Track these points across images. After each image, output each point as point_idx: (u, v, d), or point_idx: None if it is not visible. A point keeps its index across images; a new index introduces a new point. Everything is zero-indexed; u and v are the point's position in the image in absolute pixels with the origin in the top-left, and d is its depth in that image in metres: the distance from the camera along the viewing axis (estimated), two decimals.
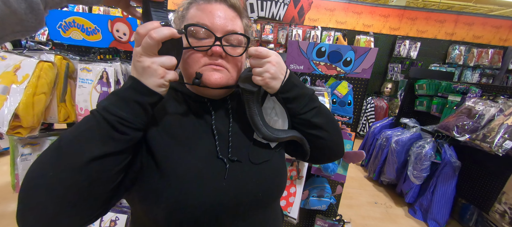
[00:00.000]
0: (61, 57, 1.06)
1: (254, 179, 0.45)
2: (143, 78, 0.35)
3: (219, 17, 0.41)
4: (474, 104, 1.85)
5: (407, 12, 4.46)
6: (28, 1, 0.27)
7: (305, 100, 0.46)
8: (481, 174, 1.84)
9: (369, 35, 4.32)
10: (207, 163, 0.42)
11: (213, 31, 0.40)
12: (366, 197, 2.43)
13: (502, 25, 4.49)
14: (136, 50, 0.35)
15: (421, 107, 2.61)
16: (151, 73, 0.35)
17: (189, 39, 0.41)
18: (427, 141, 2.09)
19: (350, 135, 1.16)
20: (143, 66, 0.34)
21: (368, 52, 1.15)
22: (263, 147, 0.49)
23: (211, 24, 0.41)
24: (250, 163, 0.45)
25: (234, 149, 0.45)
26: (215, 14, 0.41)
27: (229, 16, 0.42)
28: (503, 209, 1.53)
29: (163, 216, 0.39)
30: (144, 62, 0.34)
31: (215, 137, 0.44)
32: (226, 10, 0.42)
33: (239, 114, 0.49)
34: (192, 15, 0.42)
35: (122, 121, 0.33)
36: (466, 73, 4.42)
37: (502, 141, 1.50)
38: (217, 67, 0.42)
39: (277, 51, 3.37)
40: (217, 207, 0.41)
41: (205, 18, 0.41)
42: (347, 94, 1.14)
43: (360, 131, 4.29)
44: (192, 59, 0.42)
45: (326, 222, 1.39)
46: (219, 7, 0.42)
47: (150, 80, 0.35)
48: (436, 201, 1.99)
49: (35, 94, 0.94)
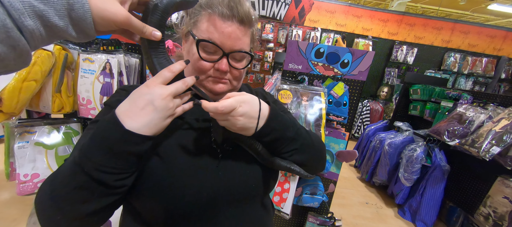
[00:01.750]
0: (61, 47, 1.06)
1: (246, 171, 0.47)
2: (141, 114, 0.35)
3: (229, 38, 0.43)
4: (465, 111, 1.91)
5: (406, 18, 4.53)
6: (17, 50, 0.26)
7: (285, 143, 0.45)
8: (468, 178, 1.91)
9: (367, 38, 4.38)
10: (203, 154, 0.45)
11: (222, 49, 0.44)
12: (358, 197, 2.48)
13: (496, 35, 4.60)
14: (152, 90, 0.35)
15: (415, 111, 2.67)
16: (163, 108, 0.35)
17: (199, 49, 0.44)
18: (419, 144, 2.15)
19: (344, 135, 1.20)
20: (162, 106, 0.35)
21: (365, 55, 1.19)
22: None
23: (221, 43, 0.43)
24: (243, 155, 0.48)
25: (227, 142, 0.48)
26: (225, 33, 0.43)
27: (238, 35, 0.44)
28: (488, 212, 1.59)
29: (162, 207, 0.41)
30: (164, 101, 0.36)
31: (211, 129, 0.47)
32: (236, 30, 0.43)
33: None
34: (205, 28, 0.43)
35: (119, 177, 0.34)
36: (460, 80, 4.52)
37: (490, 146, 1.56)
38: (222, 81, 0.47)
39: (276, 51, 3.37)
40: (213, 198, 0.43)
41: (216, 35, 0.43)
42: (343, 95, 1.17)
43: (355, 133, 4.35)
44: (200, 67, 0.45)
45: (317, 219, 1.43)
46: (231, 26, 0.43)
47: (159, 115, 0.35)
48: (425, 203, 2.06)
49: (25, 80, 0.92)
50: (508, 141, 1.51)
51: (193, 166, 0.43)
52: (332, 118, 1.18)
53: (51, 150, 1.10)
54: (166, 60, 0.39)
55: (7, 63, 0.26)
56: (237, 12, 0.43)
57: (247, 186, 0.47)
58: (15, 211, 1.61)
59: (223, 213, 0.45)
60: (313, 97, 1.08)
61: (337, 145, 1.23)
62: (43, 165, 1.08)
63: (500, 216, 1.51)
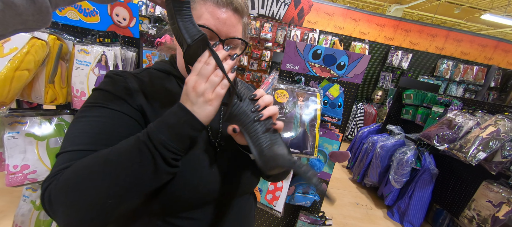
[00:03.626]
0: (55, 37, 1.04)
1: (239, 167, 0.49)
2: (196, 107, 0.36)
3: (224, 24, 0.44)
4: (454, 116, 1.97)
5: (402, 24, 4.61)
6: (37, 4, 0.25)
7: None
8: (455, 182, 1.98)
9: (364, 42, 4.44)
10: (201, 149, 0.45)
11: (219, 35, 0.44)
12: (348, 198, 2.53)
13: (488, 44, 4.73)
14: (192, 79, 0.37)
15: (407, 116, 2.74)
16: (205, 101, 0.37)
17: None
18: (409, 148, 2.21)
19: (338, 136, 1.22)
20: (205, 98, 0.36)
21: (361, 58, 1.21)
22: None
23: (217, 29, 0.44)
24: (237, 152, 0.50)
25: (223, 138, 0.49)
26: (221, 19, 0.44)
27: (233, 22, 0.45)
28: (472, 215, 1.65)
29: (158, 202, 0.41)
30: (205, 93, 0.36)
31: (208, 125, 0.48)
32: (231, 17, 0.45)
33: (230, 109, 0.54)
34: (200, 14, 0.44)
35: (176, 156, 0.36)
36: (451, 87, 4.64)
37: (476, 151, 1.62)
38: None
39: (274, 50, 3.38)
40: (211, 192, 0.45)
41: (212, 22, 0.43)
42: (338, 97, 1.19)
43: (349, 135, 4.42)
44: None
45: (309, 218, 1.45)
46: (225, 13, 0.44)
47: (205, 110, 0.37)
48: (413, 205, 2.12)
49: (17, 69, 0.89)
50: (494, 147, 1.56)
51: (191, 161, 0.43)
52: (326, 118, 1.20)
53: (42, 142, 1.08)
54: (192, 24, 0.37)
55: (26, 18, 0.26)
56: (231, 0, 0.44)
57: (243, 179, 0.49)
58: (2, 202, 1.58)
59: (219, 206, 0.47)
60: (309, 98, 1.10)
61: (331, 145, 1.25)
62: (33, 156, 1.06)
63: (483, 219, 1.58)
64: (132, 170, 0.33)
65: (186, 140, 0.37)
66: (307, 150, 1.07)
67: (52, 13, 0.29)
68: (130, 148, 0.34)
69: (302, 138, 1.06)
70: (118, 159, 0.33)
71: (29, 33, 0.95)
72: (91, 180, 0.32)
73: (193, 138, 0.37)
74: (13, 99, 0.94)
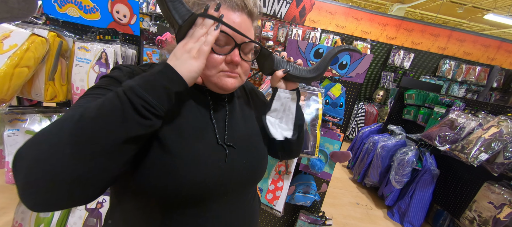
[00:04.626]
0: (55, 34, 1.03)
1: (245, 161, 0.50)
2: (179, 62, 0.37)
3: (240, 28, 0.43)
4: (456, 117, 1.95)
5: (404, 23, 4.58)
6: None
7: None
8: (456, 183, 1.97)
9: (366, 41, 4.42)
10: (208, 147, 0.46)
11: (235, 39, 0.43)
12: (349, 198, 2.53)
13: (491, 44, 4.70)
14: (182, 41, 0.39)
15: (409, 116, 2.72)
16: (193, 53, 0.38)
17: None
18: (410, 148, 2.20)
19: (339, 136, 1.21)
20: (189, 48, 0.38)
21: (363, 57, 1.20)
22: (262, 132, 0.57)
23: (233, 33, 0.43)
24: (243, 149, 0.50)
25: (229, 136, 0.49)
26: (236, 24, 0.43)
27: (247, 26, 0.45)
28: (473, 216, 1.64)
29: (165, 193, 0.41)
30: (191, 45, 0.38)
31: (214, 126, 0.48)
32: (245, 21, 0.44)
33: (233, 104, 0.54)
34: None
35: (147, 105, 0.34)
36: (453, 87, 4.61)
37: (478, 153, 1.60)
38: (233, 74, 0.46)
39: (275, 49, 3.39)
40: (216, 186, 0.45)
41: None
42: (339, 97, 1.18)
43: (349, 135, 4.41)
44: (212, 62, 0.44)
45: (309, 218, 1.45)
46: (240, 17, 0.43)
47: (187, 64, 0.37)
48: (413, 206, 2.11)
49: (17, 66, 0.89)
50: (496, 148, 1.55)
51: (197, 159, 0.43)
52: (328, 118, 1.19)
53: None
54: (181, 5, 0.38)
55: (12, 6, 0.26)
56: (247, 2, 0.43)
57: (251, 171, 0.51)
58: (2, 199, 1.58)
59: (226, 203, 0.47)
60: (310, 97, 1.09)
61: (332, 145, 1.24)
62: None
63: (484, 220, 1.57)
64: (102, 119, 0.32)
65: (160, 90, 0.35)
66: (308, 149, 1.06)
67: (41, 3, 0.29)
68: (102, 101, 0.33)
69: (304, 137, 1.05)
70: (91, 112, 0.32)
71: (29, 30, 0.95)
72: (60, 132, 0.31)
73: (169, 91, 0.36)
74: (12, 96, 0.93)
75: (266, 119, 0.54)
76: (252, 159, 0.51)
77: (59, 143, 0.30)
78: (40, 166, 0.30)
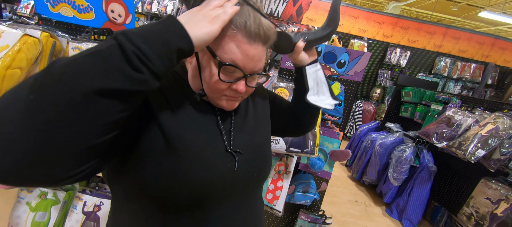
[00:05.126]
0: (48, 35, 1.01)
1: (252, 164, 0.50)
2: (192, 22, 0.34)
3: (252, 60, 0.41)
4: (453, 114, 1.97)
5: (400, 21, 4.60)
6: None
7: None
8: (453, 179, 1.99)
9: (363, 40, 4.43)
10: (216, 154, 0.45)
11: (244, 71, 0.42)
12: (347, 196, 2.54)
13: (485, 41, 4.75)
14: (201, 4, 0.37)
15: (406, 113, 2.74)
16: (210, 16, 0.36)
17: (220, 71, 0.41)
18: (408, 145, 2.21)
19: (338, 135, 1.21)
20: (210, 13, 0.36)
21: (362, 56, 1.20)
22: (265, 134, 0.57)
23: (243, 66, 0.41)
24: (249, 152, 0.51)
25: (236, 143, 0.49)
26: (249, 56, 0.41)
27: (260, 56, 0.43)
28: (470, 212, 1.66)
29: (168, 191, 0.40)
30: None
31: (222, 133, 0.47)
32: (260, 51, 0.42)
33: (238, 109, 0.54)
34: (228, 49, 0.40)
35: (140, 53, 0.28)
36: (449, 84, 4.66)
37: (475, 149, 1.62)
38: (236, 98, 0.46)
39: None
40: (223, 189, 0.45)
41: (240, 57, 0.40)
42: (338, 95, 1.18)
43: (347, 133, 4.43)
44: (216, 87, 0.43)
45: (309, 217, 1.45)
46: (255, 48, 0.41)
47: (199, 24, 0.34)
48: (412, 202, 2.13)
49: (9, 67, 0.86)
50: (493, 144, 1.57)
51: (209, 159, 0.43)
52: (327, 117, 1.18)
53: None
54: None
55: None
56: (262, 32, 0.40)
57: (258, 172, 0.51)
58: None
59: (233, 205, 0.47)
60: None
61: (331, 144, 1.24)
62: None
63: (482, 216, 1.59)
64: (74, 66, 0.26)
65: (160, 41, 0.30)
66: (307, 149, 1.06)
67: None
68: (85, 50, 0.28)
69: (303, 136, 1.05)
70: (61, 60, 0.27)
71: (21, 30, 0.92)
72: (20, 89, 0.26)
73: (170, 47, 0.30)
74: None
75: (309, 101, 0.55)
76: (258, 161, 0.52)
77: (14, 102, 0.25)
78: None
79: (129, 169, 0.40)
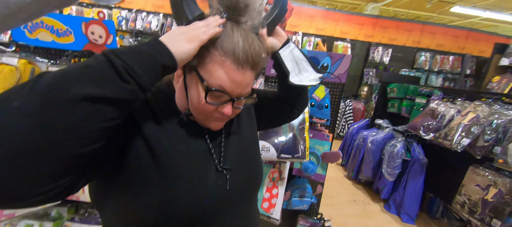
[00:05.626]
0: (26, 61, 0.99)
1: (244, 176, 0.51)
2: (172, 41, 0.36)
3: (239, 85, 0.42)
4: (437, 106, 2.04)
5: (379, 21, 4.81)
6: None
7: None
8: (444, 169, 2.04)
9: (346, 41, 4.58)
10: (208, 173, 0.45)
11: (231, 96, 0.42)
12: (345, 196, 2.54)
13: (460, 35, 5.03)
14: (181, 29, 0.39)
15: (393, 109, 2.82)
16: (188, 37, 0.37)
17: (207, 95, 0.41)
18: (398, 140, 2.26)
19: (328, 137, 1.23)
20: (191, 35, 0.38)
21: (343, 58, 1.23)
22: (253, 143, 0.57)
23: (231, 91, 0.41)
24: (240, 164, 0.51)
25: (226, 159, 0.49)
26: (237, 82, 0.41)
27: (247, 81, 0.43)
28: (463, 200, 1.70)
29: (159, 214, 0.39)
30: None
31: (211, 151, 0.47)
32: (248, 76, 0.42)
33: (227, 127, 0.54)
34: (215, 74, 0.40)
35: (128, 68, 0.30)
36: (431, 77, 4.86)
37: (460, 138, 1.68)
38: (223, 120, 0.47)
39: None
40: (217, 206, 0.45)
41: (227, 83, 0.40)
42: (324, 98, 1.20)
43: (340, 132, 4.49)
44: (203, 109, 0.43)
45: (308, 222, 1.43)
46: (244, 75, 0.41)
47: (178, 44, 0.36)
48: (408, 196, 2.16)
49: None
50: (475, 132, 1.63)
51: (200, 177, 0.43)
52: (315, 120, 1.20)
53: None
54: (194, 3, 0.41)
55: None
56: (251, 58, 0.40)
57: (251, 182, 0.52)
58: None
59: (225, 216, 0.47)
60: None
61: (322, 146, 1.25)
62: None
63: (474, 203, 1.62)
64: (64, 75, 0.27)
65: (145, 58, 0.33)
66: (298, 154, 1.06)
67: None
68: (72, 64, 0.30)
69: (293, 142, 1.05)
70: (52, 73, 0.28)
71: None
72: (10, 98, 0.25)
73: (155, 61, 0.34)
74: None
75: (292, 83, 0.54)
76: (250, 172, 0.52)
77: (3, 99, 0.25)
78: None
79: (117, 194, 0.40)
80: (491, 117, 1.62)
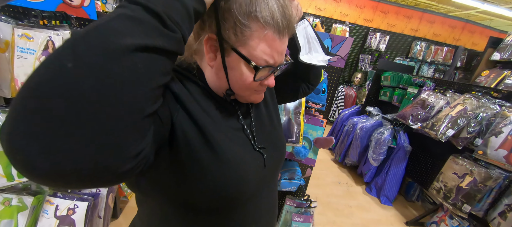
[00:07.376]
0: None
1: (275, 156, 0.53)
2: None
3: (282, 54, 0.42)
4: (427, 97, 2.07)
5: (380, 5, 4.66)
6: None
7: None
8: (426, 157, 2.14)
9: (345, 24, 4.44)
10: (247, 153, 0.46)
11: (274, 67, 0.42)
12: (331, 177, 2.65)
13: (456, 25, 5.02)
14: None
15: (385, 97, 2.85)
16: None
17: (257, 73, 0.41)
18: (386, 128, 2.32)
19: (322, 122, 1.21)
20: None
21: (345, 41, 1.18)
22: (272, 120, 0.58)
23: (275, 62, 0.42)
24: (272, 144, 0.53)
25: (259, 139, 0.50)
26: (280, 51, 0.41)
27: (286, 46, 0.43)
28: (439, 187, 1.81)
29: (209, 196, 0.40)
30: None
31: (247, 131, 0.48)
32: (287, 42, 0.43)
33: (256, 107, 0.55)
34: (260, 50, 0.39)
35: (169, 14, 0.28)
36: (423, 67, 4.92)
37: (446, 129, 1.73)
38: (263, 90, 0.47)
39: None
40: (257, 186, 0.47)
41: (272, 57, 0.40)
42: (322, 83, 1.16)
43: (330, 117, 4.56)
44: (249, 86, 0.43)
45: (295, 202, 1.48)
46: (284, 43, 0.42)
47: None
48: (389, 181, 2.28)
49: None
50: (461, 124, 1.68)
51: (243, 159, 0.44)
52: (311, 105, 1.17)
53: None
54: None
55: None
56: (291, 24, 0.40)
57: (280, 160, 0.54)
58: None
59: (259, 200, 0.49)
60: None
61: (315, 131, 1.24)
62: None
63: (449, 189, 1.74)
64: (113, 24, 0.24)
65: (180, 6, 0.29)
66: (292, 138, 1.05)
67: None
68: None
69: (287, 126, 1.03)
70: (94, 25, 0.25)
71: None
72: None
73: (187, 7, 0.30)
74: None
75: (301, 60, 0.54)
76: (279, 150, 0.54)
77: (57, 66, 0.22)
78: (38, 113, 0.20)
79: (167, 177, 0.39)
80: (478, 110, 1.67)
